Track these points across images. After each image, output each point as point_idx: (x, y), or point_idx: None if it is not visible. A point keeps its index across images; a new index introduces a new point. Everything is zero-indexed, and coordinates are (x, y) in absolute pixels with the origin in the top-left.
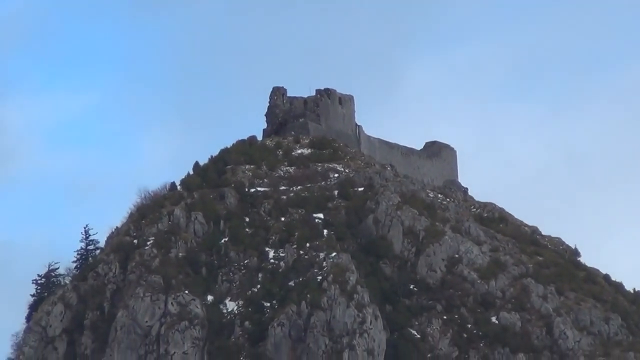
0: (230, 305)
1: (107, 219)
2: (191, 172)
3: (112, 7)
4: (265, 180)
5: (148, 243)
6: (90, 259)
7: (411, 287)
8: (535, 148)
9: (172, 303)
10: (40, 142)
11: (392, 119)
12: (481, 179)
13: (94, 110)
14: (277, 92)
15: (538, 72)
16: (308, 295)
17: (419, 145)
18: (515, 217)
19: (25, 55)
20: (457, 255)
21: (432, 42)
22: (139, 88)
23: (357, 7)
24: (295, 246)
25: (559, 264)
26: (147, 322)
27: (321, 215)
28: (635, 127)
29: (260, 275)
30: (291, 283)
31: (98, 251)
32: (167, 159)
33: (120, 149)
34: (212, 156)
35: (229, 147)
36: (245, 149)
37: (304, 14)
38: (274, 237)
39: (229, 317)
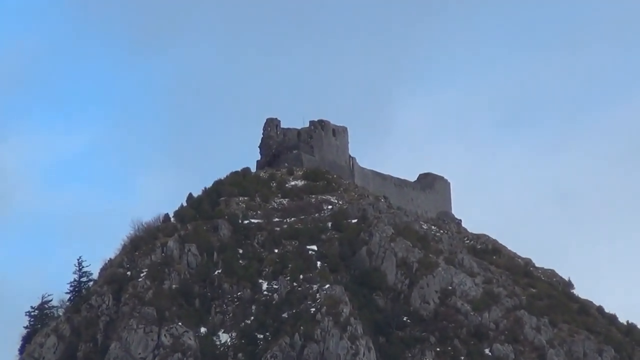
0: (224, 337)
1: (100, 250)
2: (185, 204)
3: (106, 49)
4: (259, 212)
5: (141, 275)
6: (83, 290)
7: (404, 318)
8: (525, 184)
9: (165, 335)
10: (37, 181)
11: (386, 150)
12: (475, 211)
13: (90, 148)
14: (271, 124)
15: (527, 111)
16: (301, 327)
17: (412, 177)
18: (509, 248)
19: (22, 96)
20: (450, 287)
21: (424, 77)
22: (133, 122)
23: (350, 41)
24: (288, 278)
25: (552, 295)
26: (140, 354)
27: (315, 247)
28: (623, 164)
29: (253, 307)
30: (285, 315)
31: (91, 283)
32: (161, 191)
33: (116, 185)
34: (205, 188)
35: (222, 178)
36: (238, 181)
37: (297, 47)
38: (267, 269)
39: (222, 349)
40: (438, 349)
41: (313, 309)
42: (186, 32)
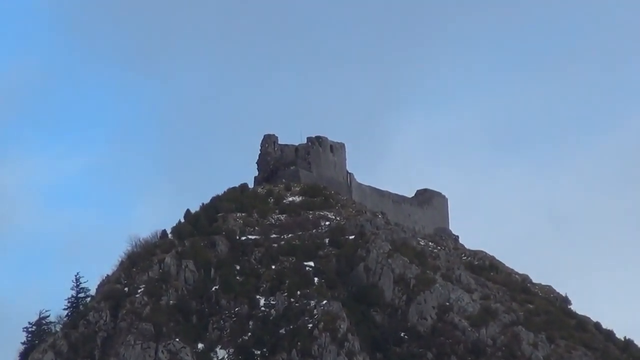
0: (221, 353)
1: (98, 266)
2: (182, 220)
3: (102, 71)
4: (256, 228)
5: (139, 291)
6: (81, 306)
7: (402, 334)
8: (521, 203)
9: (162, 351)
10: (36, 202)
11: (383, 167)
12: (472, 227)
13: (88, 170)
14: (269, 140)
15: (522, 132)
16: (299, 343)
17: (410, 193)
18: (506, 265)
19: (21, 120)
20: (447, 303)
21: (421, 95)
22: (131, 141)
23: (347, 58)
24: (286, 294)
25: (549, 311)
26: None
27: (312, 263)
28: (618, 183)
29: (251, 323)
30: (282, 331)
31: (89, 299)
32: (159, 208)
33: (115, 205)
34: (203, 204)
35: (220, 194)
36: (236, 197)
37: (295, 63)
38: (264, 285)
39: None
40: None
41: (310, 325)
42: (182, 48)
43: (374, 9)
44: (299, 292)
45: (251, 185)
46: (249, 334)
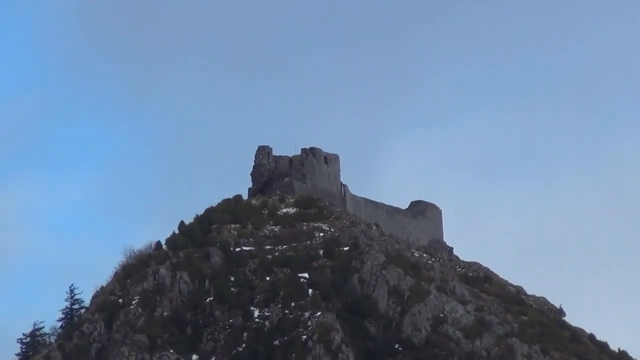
0: None
1: (92, 278)
2: (177, 231)
3: (98, 98)
4: (251, 239)
5: (133, 302)
6: (75, 318)
7: (396, 346)
8: (515, 216)
9: None
10: (35, 230)
11: (377, 178)
12: (466, 239)
13: (86, 198)
14: (263, 151)
15: (512, 156)
16: (293, 355)
17: (404, 205)
18: (500, 276)
19: (22, 149)
20: (442, 315)
21: (416, 109)
22: (127, 156)
23: (341, 69)
24: (280, 305)
25: (543, 323)
26: None
27: (306, 275)
28: (609, 199)
29: (245, 334)
30: (276, 342)
31: (83, 310)
32: (153, 218)
33: (112, 227)
34: (197, 215)
35: (214, 206)
36: (230, 208)
37: (290, 74)
38: (259, 297)
39: None
40: None
41: (304, 337)
42: (176, 59)
43: (369, 21)
44: (293, 304)
45: (245, 196)
46: (243, 345)
